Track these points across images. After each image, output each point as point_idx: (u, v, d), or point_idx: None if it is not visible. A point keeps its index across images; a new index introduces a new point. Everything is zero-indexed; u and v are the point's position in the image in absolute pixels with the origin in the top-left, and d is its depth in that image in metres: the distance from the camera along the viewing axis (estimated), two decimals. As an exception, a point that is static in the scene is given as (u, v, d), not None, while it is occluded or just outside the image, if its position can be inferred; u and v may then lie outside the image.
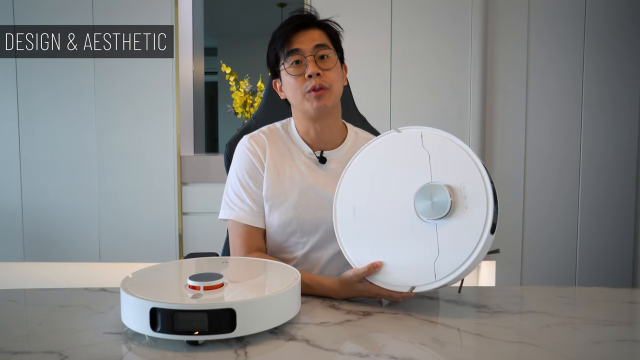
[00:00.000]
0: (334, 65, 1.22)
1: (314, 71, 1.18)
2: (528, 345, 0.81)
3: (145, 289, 0.85)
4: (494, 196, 0.91)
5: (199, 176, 2.82)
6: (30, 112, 2.81)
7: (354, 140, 1.32)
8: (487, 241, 0.89)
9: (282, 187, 1.25)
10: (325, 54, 1.21)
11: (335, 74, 1.23)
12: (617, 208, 2.81)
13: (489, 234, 0.89)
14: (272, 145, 1.28)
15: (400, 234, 0.96)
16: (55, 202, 2.82)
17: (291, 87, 1.22)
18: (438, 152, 0.97)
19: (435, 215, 0.92)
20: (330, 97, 1.21)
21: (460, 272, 0.89)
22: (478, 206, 0.90)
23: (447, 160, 0.96)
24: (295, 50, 1.20)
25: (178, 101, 2.79)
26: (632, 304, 1.08)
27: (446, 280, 0.90)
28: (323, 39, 1.23)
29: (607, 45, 2.77)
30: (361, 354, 0.77)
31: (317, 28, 1.24)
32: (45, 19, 2.77)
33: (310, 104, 1.21)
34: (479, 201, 0.91)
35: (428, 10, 2.75)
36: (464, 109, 2.77)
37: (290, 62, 1.21)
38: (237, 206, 1.25)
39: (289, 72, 1.22)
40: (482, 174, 0.92)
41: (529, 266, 2.84)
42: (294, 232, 1.25)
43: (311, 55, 1.20)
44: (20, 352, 0.78)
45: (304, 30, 1.22)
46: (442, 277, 0.90)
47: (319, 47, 1.21)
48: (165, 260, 2.64)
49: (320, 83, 1.19)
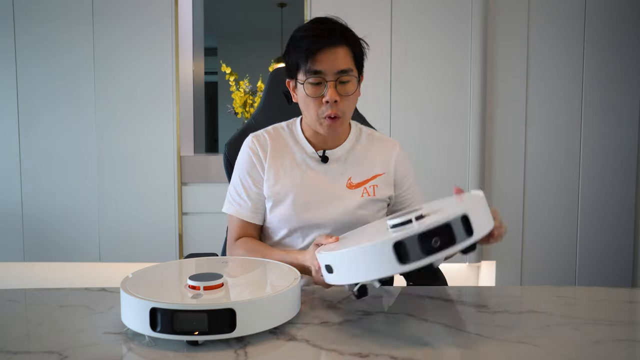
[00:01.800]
0: (353, 91, 1.21)
1: (333, 98, 1.17)
2: (528, 345, 0.81)
3: (145, 289, 0.85)
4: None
5: (199, 176, 2.82)
6: (30, 112, 2.81)
7: (357, 137, 1.33)
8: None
9: (283, 186, 1.26)
10: (347, 80, 1.19)
11: (353, 100, 1.23)
12: (617, 208, 2.81)
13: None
14: (274, 145, 1.30)
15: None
16: (55, 202, 2.82)
17: (306, 104, 1.22)
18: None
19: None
20: (342, 124, 1.22)
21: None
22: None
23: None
24: (318, 71, 1.17)
25: (178, 101, 2.79)
26: (632, 304, 1.08)
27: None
28: (347, 62, 1.18)
29: (607, 45, 2.77)
30: (361, 354, 0.77)
31: (344, 46, 1.19)
32: (45, 19, 2.78)
33: (322, 128, 1.22)
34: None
35: (428, 10, 2.75)
36: (464, 109, 2.77)
37: (310, 81, 1.18)
38: (235, 202, 1.30)
39: (307, 91, 1.20)
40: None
41: (529, 266, 2.84)
42: (294, 230, 1.27)
43: (332, 81, 1.17)
44: (20, 352, 0.78)
45: (330, 49, 1.17)
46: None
47: (342, 72, 1.18)
48: (165, 260, 2.64)
49: (335, 112, 1.19)
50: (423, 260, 0.79)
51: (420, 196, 1.37)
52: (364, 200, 1.27)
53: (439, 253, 0.79)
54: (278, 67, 1.61)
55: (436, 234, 0.79)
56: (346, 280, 0.87)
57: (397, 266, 0.79)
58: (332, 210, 1.25)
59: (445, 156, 2.78)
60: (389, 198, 1.33)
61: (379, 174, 1.30)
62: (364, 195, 1.27)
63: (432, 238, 0.79)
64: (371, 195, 1.28)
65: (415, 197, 1.36)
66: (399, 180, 1.33)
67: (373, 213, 1.29)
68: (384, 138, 1.37)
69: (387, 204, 1.34)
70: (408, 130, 2.77)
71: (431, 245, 0.79)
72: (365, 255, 0.82)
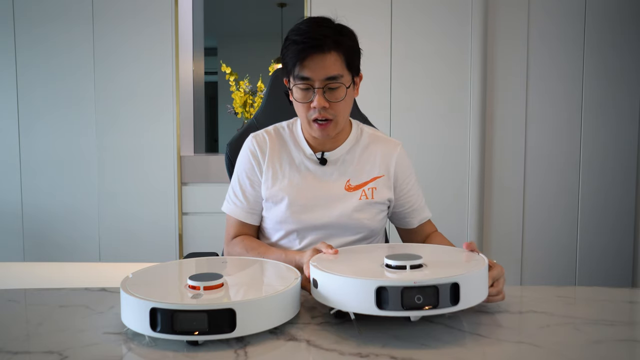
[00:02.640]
0: (343, 97, 1.18)
1: (320, 105, 1.16)
2: (528, 345, 0.81)
3: (145, 289, 0.85)
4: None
5: (199, 176, 2.82)
6: (31, 112, 2.81)
7: (357, 138, 1.31)
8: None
9: (280, 187, 1.26)
10: (336, 86, 1.17)
11: (344, 105, 1.19)
12: (617, 208, 2.81)
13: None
14: (273, 146, 1.30)
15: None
16: (55, 202, 2.82)
17: (297, 107, 1.22)
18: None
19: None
20: (335, 127, 1.21)
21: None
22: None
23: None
24: (305, 77, 1.15)
25: (178, 101, 2.79)
26: (632, 304, 1.08)
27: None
28: (336, 68, 1.15)
29: (607, 44, 2.77)
30: (361, 354, 0.77)
31: (334, 51, 1.15)
32: (45, 19, 2.78)
33: (313, 131, 1.22)
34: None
35: (428, 10, 2.75)
36: (464, 109, 2.77)
37: (299, 87, 1.17)
38: (232, 201, 1.32)
39: (296, 96, 1.20)
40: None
41: (529, 266, 2.84)
42: (291, 232, 1.27)
43: (320, 88, 1.15)
44: (20, 352, 0.78)
45: (318, 55, 1.14)
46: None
47: (331, 79, 1.15)
48: (165, 260, 2.64)
49: (324, 116, 1.17)
50: (400, 312, 0.80)
51: (420, 199, 1.35)
52: (362, 203, 1.25)
53: (418, 311, 0.79)
54: (280, 68, 1.61)
55: (421, 292, 0.79)
56: (325, 301, 0.87)
57: (374, 308, 0.80)
58: (329, 213, 1.23)
59: (445, 156, 2.78)
60: (389, 201, 1.30)
61: (379, 176, 1.28)
62: (362, 198, 1.25)
63: (416, 295, 0.79)
64: (369, 198, 1.26)
65: (415, 200, 1.34)
66: (399, 182, 1.31)
67: (372, 216, 1.27)
68: (385, 138, 1.34)
69: (387, 206, 1.32)
70: (408, 131, 2.77)
71: (413, 301, 0.79)
72: (347, 286, 0.83)
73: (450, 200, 2.78)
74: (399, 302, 0.79)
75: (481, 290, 0.87)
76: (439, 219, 1.51)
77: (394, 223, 1.39)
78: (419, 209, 1.34)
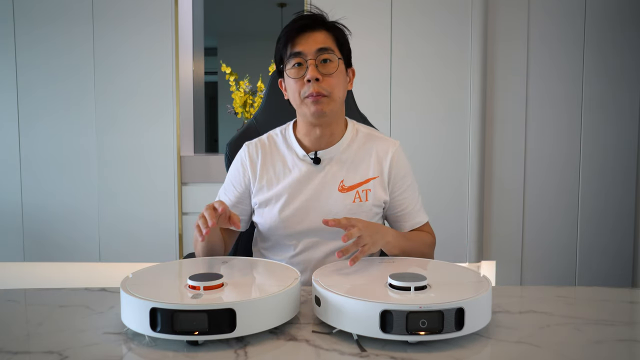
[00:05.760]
0: (335, 70, 1.19)
1: (313, 76, 1.16)
2: (528, 345, 0.81)
3: (145, 289, 0.85)
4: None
5: (199, 176, 2.82)
6: (31, 112, 2.81)
7: (353, 137, 1.29)
8: None
9: (274, 192, 1.25)
10: (328, 58, 1.18)
11: (337, 79, 1.20)
12: (617, 208, 2.81)
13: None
14: (265, 154, 1.29)
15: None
16: (55, 202, 2.82)
17: (291, 90, 1.21)
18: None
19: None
20: (329, 104, 1.19)
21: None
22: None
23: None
24: (297, 52, 1.18)
25: (178, 101, 2.79)
26: (632, 304, 1.08)
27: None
28: (327, 42, 1.19)
29: (608, 44, 2.77)
30: (361, 354, 0.77)
31: (323, 30, 1.20)
32: (45, 19, 2.77)
33: (307, 109, 1.19)
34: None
35: (428, 10, 2.75)
36: (464, 109, 2.76)
37: (291, 64, 1.19)
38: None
39: (289, 75, 1.20)
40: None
41: (529, 266, 2.84)
42: (284, 236, 1.26)
43: (312, 59, 1.17)
44: (20, 352, 0.78)
45: (308, 32, 1.19)
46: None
47: (322, 50, 1.18)
48: (165, 260, 2.65)
49: (318, 90, 1.17)
50: (404, 337, 0.80)
51: (415, 202, 1.31)
52: (356, 206, 1.23)
53: (422, 335, 0.79)
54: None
55: (426, 317, 0.79)
56: (327, 320, 0.86)
57: (378, 331, 0.80)
58: (322, 216, 1.19)
59: (445, 156, 2.78)
60: (384, 202, 1.27)
61: (373, 177, 1.25)
62: (355, 201, 1.23)
63: (421, 320, 0.79)
64: (363, 200, 1.24)
65: (409, 203, 1.29)
66: (394, 183, 1.27)
67: (366, 219, 1.22)
68: (382, 138, 1.31)
69: (382, 208, 1.29)
70: (408, 131, 2.77)
71: (418, 325, 0.79)
72: (351, 307, 0.82)
73: (450, 200, 2.77)
74: (404, 326, 0.79)
75: (487, 311, 0.86)
76: (438, 219, 1.51)
77: (389, 224, 1.36)
78: (412, 212, 1.30)
